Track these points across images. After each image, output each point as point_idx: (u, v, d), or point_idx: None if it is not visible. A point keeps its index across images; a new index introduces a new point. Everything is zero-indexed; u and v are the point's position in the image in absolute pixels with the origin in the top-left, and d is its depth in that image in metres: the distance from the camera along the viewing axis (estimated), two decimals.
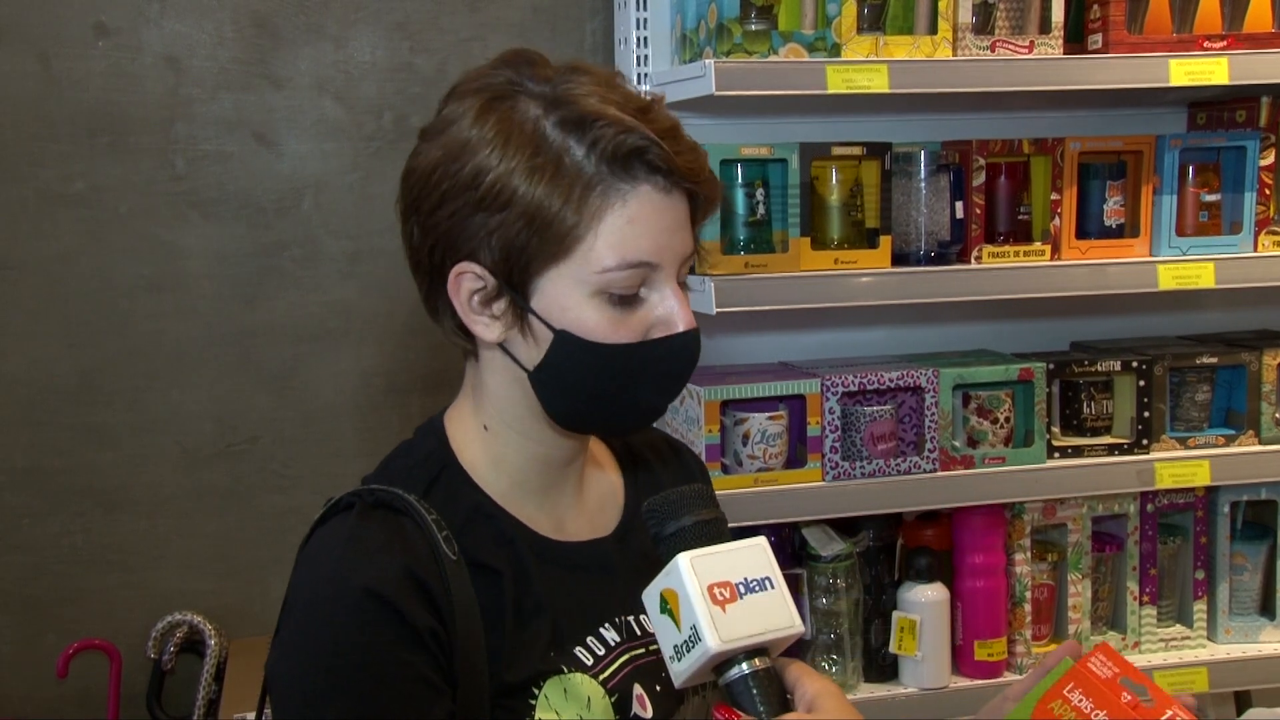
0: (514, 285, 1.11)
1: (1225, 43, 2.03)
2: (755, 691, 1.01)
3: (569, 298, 1.10)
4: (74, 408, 2.29)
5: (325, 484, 2.35)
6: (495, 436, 1.20)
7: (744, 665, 1.02)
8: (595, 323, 1.11)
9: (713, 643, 0.99)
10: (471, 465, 1.20)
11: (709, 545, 1.05)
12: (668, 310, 1.13)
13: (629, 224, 1.09)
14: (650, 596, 1.05)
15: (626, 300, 1.11)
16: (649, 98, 1.15)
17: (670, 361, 1.15)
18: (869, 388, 2.03)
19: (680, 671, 1.03)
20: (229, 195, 2.31)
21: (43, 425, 2.29)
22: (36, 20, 2.22)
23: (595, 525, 1.26)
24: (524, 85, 1.12)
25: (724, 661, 1.02)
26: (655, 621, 1.05)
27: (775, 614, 1.03)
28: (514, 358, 1.15)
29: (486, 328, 1.14)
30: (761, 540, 1.06)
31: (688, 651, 1.01)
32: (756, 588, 1.03)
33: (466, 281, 1.13)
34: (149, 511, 2.34)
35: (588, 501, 1.27)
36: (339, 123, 2.34)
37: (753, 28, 1.92)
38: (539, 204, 1.08)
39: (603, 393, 1.14)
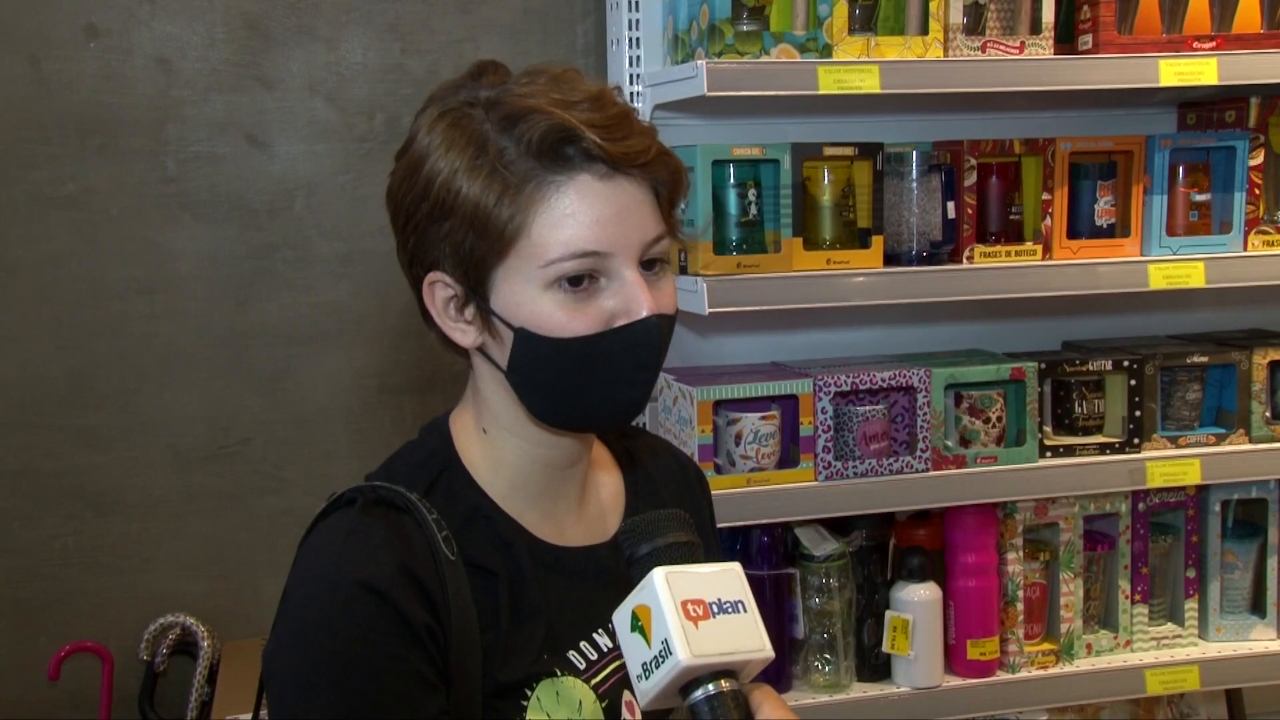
0: (474, 288, 1.13)
1: (1214, 43, 2.04)
2: (719, 713, 1.00)
3: (523, 294, 1.11)
4: (65, 410, 2.29)
5: (317, 485, 2.35)
6: (493, 439, 1.21)
7: (710, 686, 1.00)
8: (551, 316, 1.10)
9: (684, 656, 0.98)
10: (473, 467, 1.21)
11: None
12: (626, 298, 1.11)
13: (569, 215, 1.09)
14: (621, 615, 1.04)
15: (581, 291, 1.10)
16: (596, 88, 1.13)
17: (634, 350, 1.12)
18: (861, 388, 2.04)
19: (647, 690, 1.01)
20: (220, 197, 2.31)
21: (34, 427, 2.28)
22: (27, 22, 2.22)
23: (594, 531, 1.26)
24: (475, 93, 1.14)
25: (691, 682, 1.00)
26: (625, 641, 1.03)
27: (747, 636, 1.02)
28: (492, 360, 1.17)
29: (463, 334, 1.17)
30: (736, 566, 1.07)
31: (656, 667, 1.00)
32: (730, 609, 1.03)
33: (439, 290, 1.15)
34: (141, 513, 2.33)
35: (589, 507, 1.27)
36: (330, 124, 2.34)
37: (744, 28, 1.92)
38: (476, 204, 1.09)
39: (572, 386, 1.13)
